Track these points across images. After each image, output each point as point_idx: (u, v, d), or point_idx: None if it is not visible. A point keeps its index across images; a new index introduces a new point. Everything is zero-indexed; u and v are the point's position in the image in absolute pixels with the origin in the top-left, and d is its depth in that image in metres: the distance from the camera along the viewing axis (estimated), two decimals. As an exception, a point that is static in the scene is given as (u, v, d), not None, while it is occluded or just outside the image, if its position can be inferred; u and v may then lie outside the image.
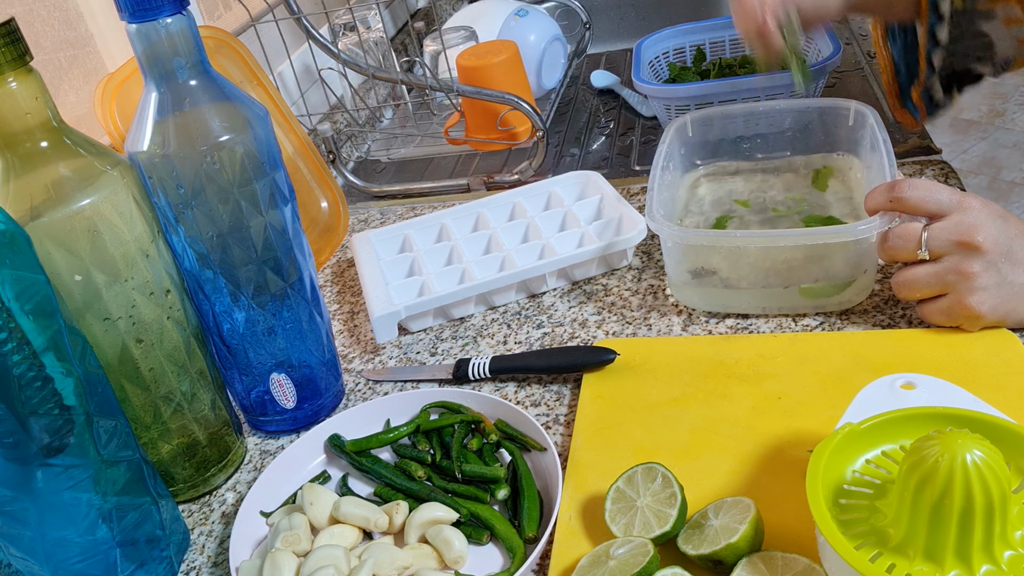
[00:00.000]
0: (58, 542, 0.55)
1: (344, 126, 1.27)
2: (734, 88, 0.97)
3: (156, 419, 0.66)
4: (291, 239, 0.68)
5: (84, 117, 0.97)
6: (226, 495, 0.71)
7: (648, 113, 1.19)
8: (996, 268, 0.63)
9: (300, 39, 1.27)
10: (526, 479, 0.63)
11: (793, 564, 0.49)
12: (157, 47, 0.60)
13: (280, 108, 0.99)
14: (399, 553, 0.58)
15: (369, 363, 0.82)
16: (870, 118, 0.80)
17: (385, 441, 0.69)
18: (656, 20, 1.59)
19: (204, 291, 0.67)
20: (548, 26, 1.26)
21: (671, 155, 0.85)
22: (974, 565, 0.44)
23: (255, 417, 0.75)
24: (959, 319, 0.66)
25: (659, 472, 0.56)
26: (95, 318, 0.60)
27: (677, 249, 0.75)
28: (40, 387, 0.51)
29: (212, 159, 0.61)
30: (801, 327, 0.73)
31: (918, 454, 0.45)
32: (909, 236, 0.65)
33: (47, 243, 0.57)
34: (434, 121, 1.28)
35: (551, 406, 0.71)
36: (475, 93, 1.06)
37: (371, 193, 1.14)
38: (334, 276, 0.98)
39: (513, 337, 0.80)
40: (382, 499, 0.65)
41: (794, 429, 0.62)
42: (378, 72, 1.08)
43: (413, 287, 0.86)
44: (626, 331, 0.78)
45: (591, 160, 1.12)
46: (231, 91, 0.63)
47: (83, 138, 0.59)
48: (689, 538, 0.53)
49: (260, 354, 0.70)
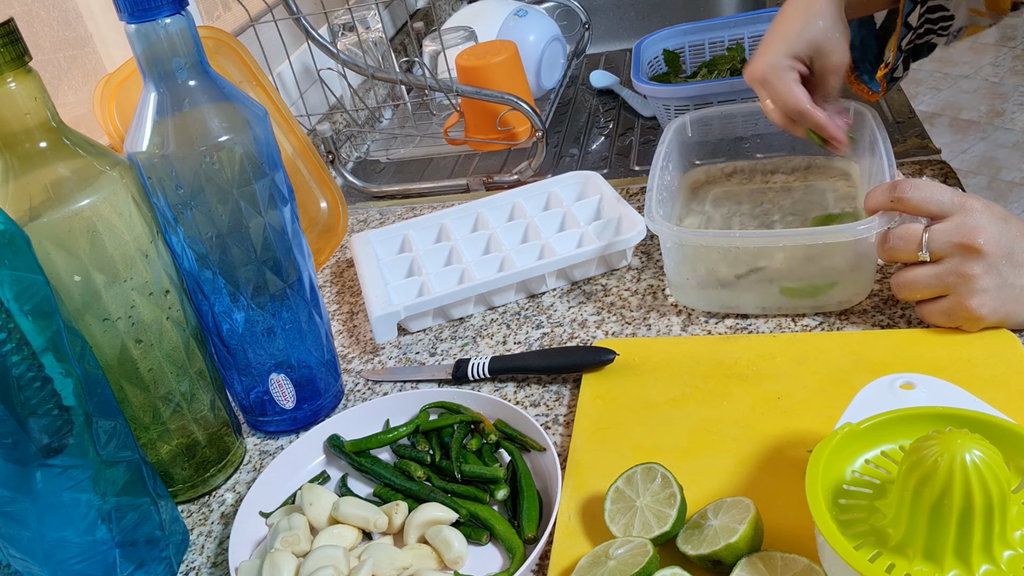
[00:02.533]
0: (57, 543, 0.55)
1: (343, 126, 1.27)
2: (733, 88, 0.97)
3: (155, 420, 0.66)
4: (290, 239, 0.68)
5: (83, 117, 0.97)
6: (225, 495, 0.71)
7: (647, 113, 1.19)
8: (997, 270, 0.63)
9: (299, 39, 1.27)
10: (525, 479, 0.63)
11: (792, 564, 0.49)
12: (156, 47, 0.60)
13: (279, 108, 0.99)
14: (398, 553, 0.58)
15: (368, 363, 0.82)
16: (869, 118, 0.80)
17: (384, 441, 0.69)
18: (655, 20, 1.59)
19: (203, 291, 0.67)
20: (547, 26, 1.26)
21: (670, 155, 0.85)
22: (973, 565, 0.44)
23: (254, 417, 0.75)
24: (959, 320, 0.66)
25: (658, 472, 0.56)
26: (94, 318, 0.60)
27: (676, 249, 0.75)
28: (39, 388, 0.51)
29: (211, 159, 0.61)
30: (800, 327, 0.73)
31: (917, 454, 0.45)
32: (910, 237, 0.65)
33: (46, 243, 0.57)
34: (433, 121, 1.28)
35: (550, 406, 0.71)
36: (474, 93, 1.06)
37: (370, 193, 1.14)
38: (333, 276, 0.98)
39: (512, 337, 0.80)
40: (381, 499, 0.65)
41: (793, 429, 0.62)
42: (377, 72, 1.08)
43: (412, 287, 0.86)
44: (625, 331, 0.78)
45: (590, 160, 1.12)
46: (230, 91, 0.63)
47: (82, 138, 0.59)
48: (688, 538, 0.53)
49: (259, 354, 0.70)
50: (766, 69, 0.77)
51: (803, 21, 0.77)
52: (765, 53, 0.78)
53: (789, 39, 0.77)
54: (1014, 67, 3.26)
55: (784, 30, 0.77)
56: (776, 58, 0.77)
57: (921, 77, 3.26)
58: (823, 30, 0.76)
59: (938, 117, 3.04)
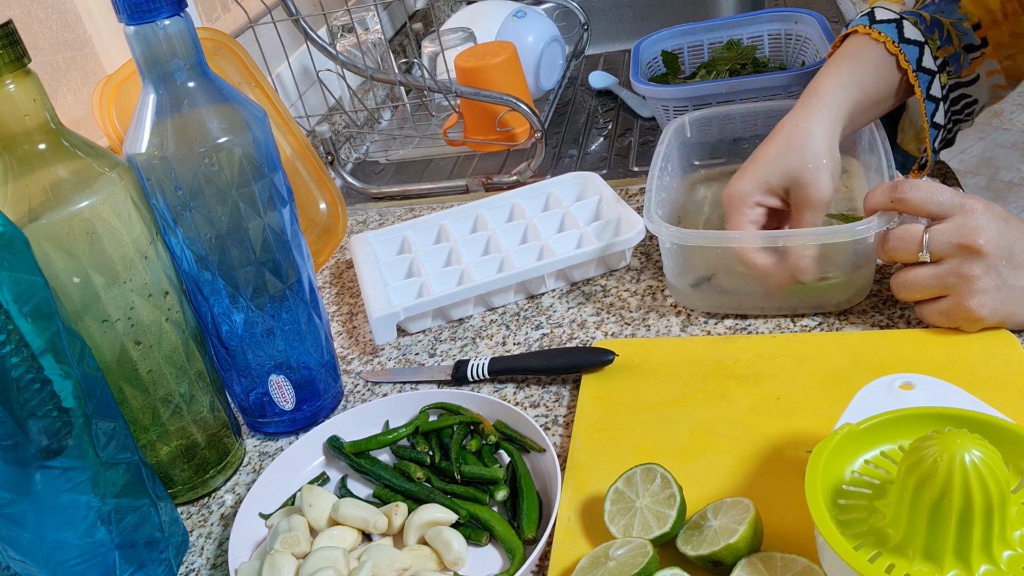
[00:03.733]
0: (57, 544, 0.55)
1: (342, 127, 1.27)
2: (732, 89, 0.97)
3: (155, 421, 0.66)
4: (290, 240, 0.68)
5: (82, 119, 0.97)
6: (225, 497, 0.71)
7: (646, 114, 1.19)
8: (997, 271, 0.63)
9: (298, 41, 1.27)
10: (525, 480, 0.63)
11: (792, 565, 0.49)
12: (155, 49, 0.60)
13: (278, 109, 0.99)
14: (398, 555, 0.58)
15: (368, 364, 0.82)
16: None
17: (384, 442, 0.69)
18: (654, 21, 1.59)
19: (203, 293, 0.67)
20: (546, 27, 1.26)
21: (669, 156, 0.85)
22: (973, 565, 0.44)
23: (254, 419, 0.75)
24: (958, 321, 0.66)
25: (658, 473, 0.56)
26: (94, 320, 0.60)
27: (675, 250, 0.75)
28: (39, 389, 0.51)
29: (210, 161, 0.61)
30: (800, 327, 0.73)
31: (917, 454, 0.45)
32: (910, 238, 0.65)
33: (45, 245, 0.56)
34: (432, 122, 1.28)
35: (550, 407, 0.71)
36: (473, 94, 1.06)
37: (370, 194, 1.14)
38: (333, 277, 0.98)
39: (512, 338, 0.80)
40: (381, 500, 0.65)
41: (793, 429, 0.62)
42: (376, 73, 1.08)
43: (412, 288, 0.86)
44: (625, 332, 0.78)
45: (589, 161, 1.12)
46: (229, 93, 0.63)
47: (81, 140, 0.59)
48: (688, 539, 0.53)
49: (259, 356, 0.70)
50: (732, 195, 0.73)
51: (784, 148, 0.71)
52: (740, 178, 0.73)
53: (764, 167, 0.72)
54: (1013, 67, 3.25)
55: (762, 156, 0.73)
56: (744, 187, 0.72)
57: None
58: (803, 159, 0.70)
59: (937, 117, 3.04)
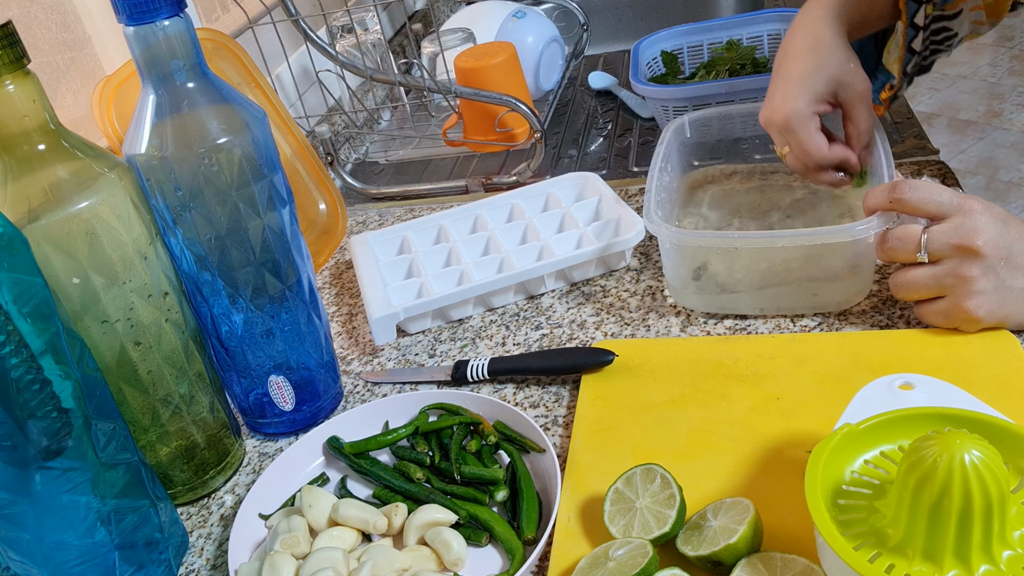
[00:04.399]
0: (56, 545, 0.55)
1: (342, 128, 1.27)
2: (732, 89, 0.97)
3: (154, 422, 0.66)
4: (289, 241, 0.68)
5: (82, 119, 0.97)
6: (225, 497, 0.71)
7: (646, 114, 1.19)
8: (995, 272, 0.63)
9: (298, 41, 1.27)
10: (525, 480, 0.63)
11: (792, 565, 0.49)
12: (155, 49, 0.60)
13: (278, 110, 0.99)
14: (398, 555, 0.58)
15: (368, 365, 0.82)
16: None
17: (384, 443, 0.69)
18: (654, 21, 1.59)
19: (202, 293, 0.67)
20: (546, 27, 1.26)
21: (669, 156, 0.85)
22: (973, 565, 0.44)
23: (254, 419, 0.75)
24: (957, 321, 0.66)
25: (658, 473, 0.56)
26: (93, 321, 0.60)
27: (675, 250, 0.75)
28: (38, 390, 0.51)
29: (210, 161, 0.61)
30: (799, 328, 0.73)
31: (917, 454, 0.45)
32: (908, 238, 0.65)
33: (45, 246, 0.56)
34: (432, 123, 1.28)
35: (550, 407, 0.71)
36: (473, 95, 1.06)
37: (369, 195, 1.14)
38: (332, 278, 0.98)
39: (512, 338, 0.80)
40: (381, 501, 0.65)
41: (793, 430, 0.62)
42: (376, 74, 1.08)
43: (411, 289, 0.86)
44: (624, 332, 0.78)
45: (589, 161, 1.12)
46: (229, 93, 0.63)
47: (81, 140, 0.59)
48: (688, 539, 0.53)
49: (258, 356, 0.70)
50: (790, 117, 0.74)
51: (816, 59, 0.74)
52: (785, 100, 0.75)
53: (807, 82, 0.74)
54: (1012, 67, 3.26)
55: (797, 73, 0.74)
56: (798, 105, 0.74)
57: (920, 78, 3.26)
58: (838, 63, 0.74)
59: (936, 117, 3.04)
